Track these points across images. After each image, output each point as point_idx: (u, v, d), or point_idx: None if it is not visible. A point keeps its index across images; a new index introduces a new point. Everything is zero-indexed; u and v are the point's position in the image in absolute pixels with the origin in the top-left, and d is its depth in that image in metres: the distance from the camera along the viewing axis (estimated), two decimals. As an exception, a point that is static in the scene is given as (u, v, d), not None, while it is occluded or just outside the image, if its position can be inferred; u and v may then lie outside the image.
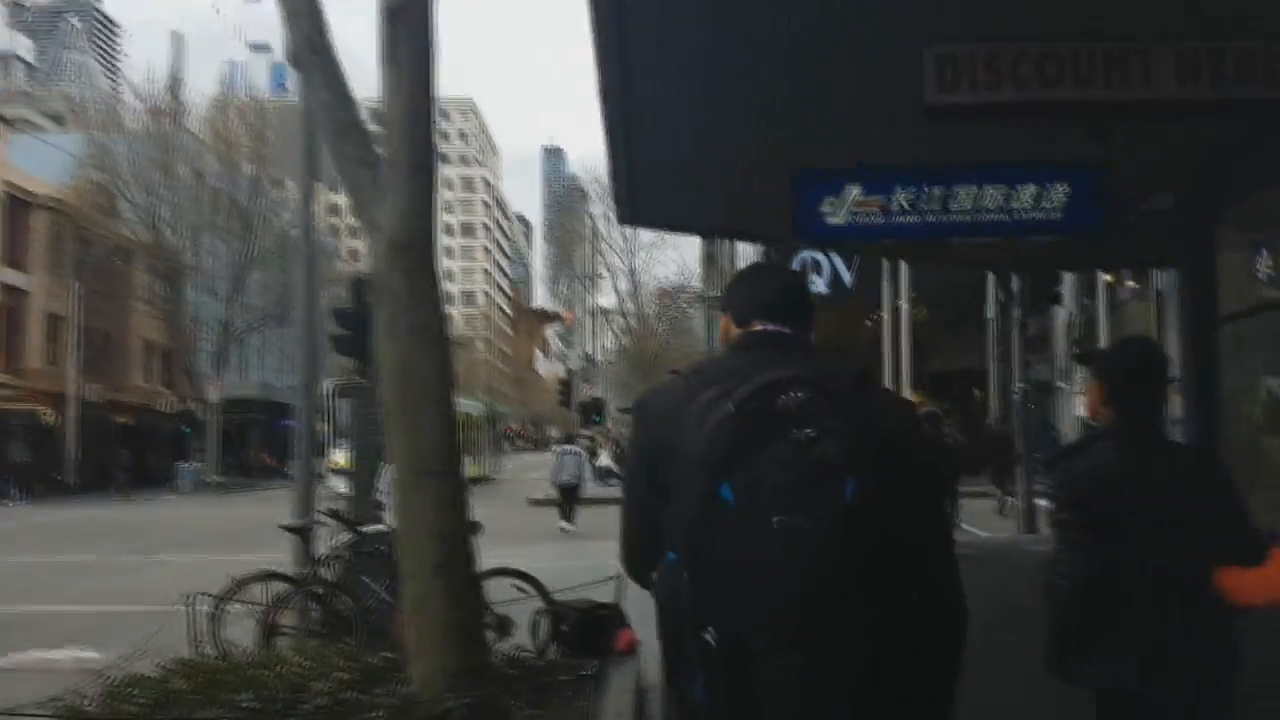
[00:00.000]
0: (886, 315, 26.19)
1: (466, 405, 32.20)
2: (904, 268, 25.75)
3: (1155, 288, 32.04)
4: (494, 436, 40.66)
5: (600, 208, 44.25)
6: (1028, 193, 7.28)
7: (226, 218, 40.48)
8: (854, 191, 7.27)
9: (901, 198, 7.29)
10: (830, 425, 1.57)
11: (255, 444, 51.48)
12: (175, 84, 43.72)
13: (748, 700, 1.57)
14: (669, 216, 9.87)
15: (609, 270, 45.69)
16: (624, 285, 45.38)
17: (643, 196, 8.85)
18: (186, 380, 40.54)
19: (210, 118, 41.96)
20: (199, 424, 39.50)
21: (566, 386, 27.07)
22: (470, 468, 27.10)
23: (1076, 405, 30.17)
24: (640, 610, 2.72)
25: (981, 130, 7.08)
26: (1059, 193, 7.28)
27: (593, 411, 26.16)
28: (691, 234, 11.32)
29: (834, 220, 7.28)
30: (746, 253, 44.45)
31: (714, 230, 10.46)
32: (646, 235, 43.38)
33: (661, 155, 7.76)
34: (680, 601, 1.62)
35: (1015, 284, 12.21)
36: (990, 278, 24.24)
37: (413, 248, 3.84)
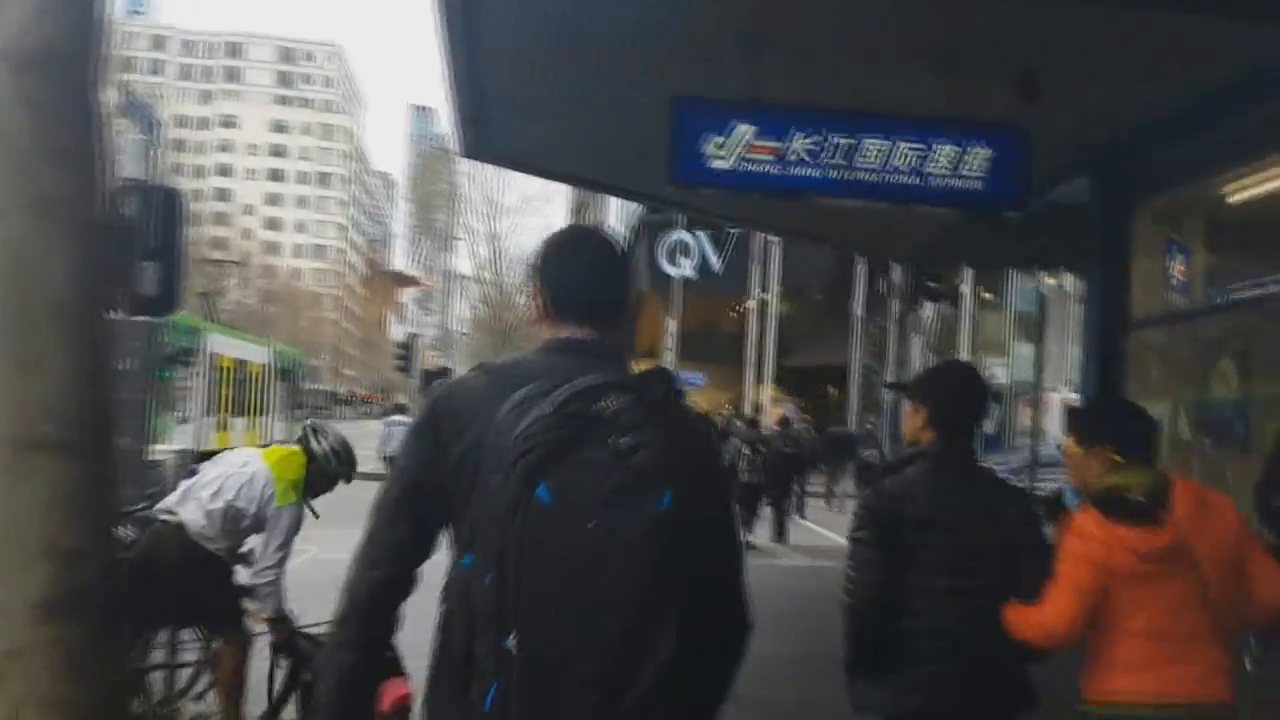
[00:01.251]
0: (754, 305, 25.23)
1: (245, 347, 26.73)
2: (775, 254, 24.87)
3: (1011, 301, 32.60)
4: (290, 394, 31.67)
5: (466, 165, 42.18)
6: (945, 154, 6.15)
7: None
8: (746, 133, 5.99)
9: (800, 146, 6.05)
10: (647, 434, 1.57)
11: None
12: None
13: (542, 710, 1.54)
14: (521, 154, 8.37)
15: (469, 233, 43.56)
16: (484, 251, 43.33)
17: (489, 120, 7.37)
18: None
19: None
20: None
21: (406, 350, 25.08)
22: (245, 435, 23.20)
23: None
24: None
25: (899, 73, 6.01)
26: (980, 157, 6.18)
27: (435, 381, 24.40)
28: (549, 178, 9.83)
29: (719, 164, 5.98)
30: (617, 225, 43.16)
31: (576, 178, 9.06)
32: (511, 198, 41.61)
33: (512, 69, 6.33)
34: (478, 606, 1.56)
35: (896, 276, 11.30)
36: (860, 271, 23.71)
37: (48, 66, 2.29)
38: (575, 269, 1.89)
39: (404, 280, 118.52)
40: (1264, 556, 2.66)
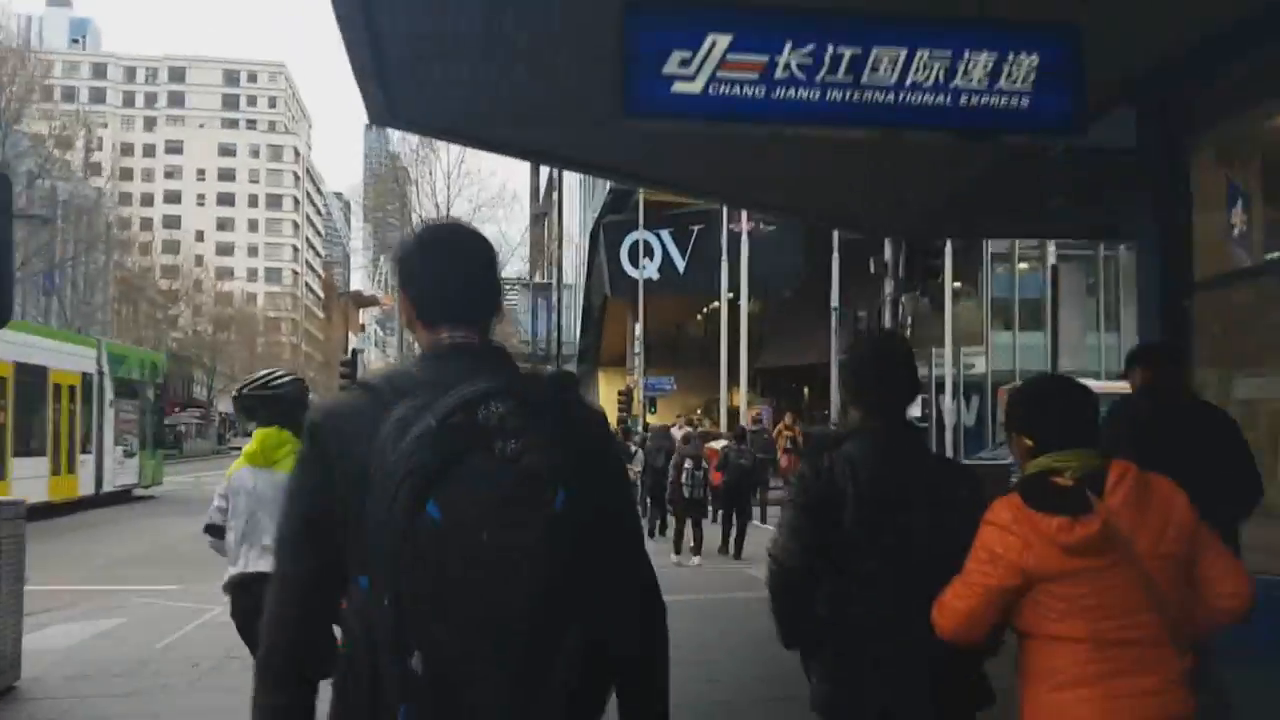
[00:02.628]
0: (722, 304, 23.72)
1: (38, 346, 17.79)
2: (743, 249, 23.34)
3: (987, 289, 31.46)
4: (140, 420, 23.32)
5: (416, 174, 40.46)
6: (980, 64, 4.74)
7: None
8: (720, 44, 4.54)
9: (793, 59, 4.60)
10: (534, 437, 1.52)
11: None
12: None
13: None
14: (439, 115, 6.84)
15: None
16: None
17: (393, 71, 5.87)
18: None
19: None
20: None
21: (349, 367, 23.28)
22: (44, 485, 16.64)
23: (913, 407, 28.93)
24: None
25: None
26: (1024, 66, 4.78)
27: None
28: (477, 145, 8.22)
29: (687, 88, 4.52)
30: (577, 229, 41.64)
31: (507, 144, 7.46)
32: (462, 206, 39.93)
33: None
34: (379, 629, 1.50)
35: (889, 254, 9.88)
36: (835, 262, 22.38)
37: None
38: (445, 269, 1.78)
39: (363, 301, 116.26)
40: (1219, 553, 2.33)
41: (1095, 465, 2.31)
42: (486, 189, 57.58)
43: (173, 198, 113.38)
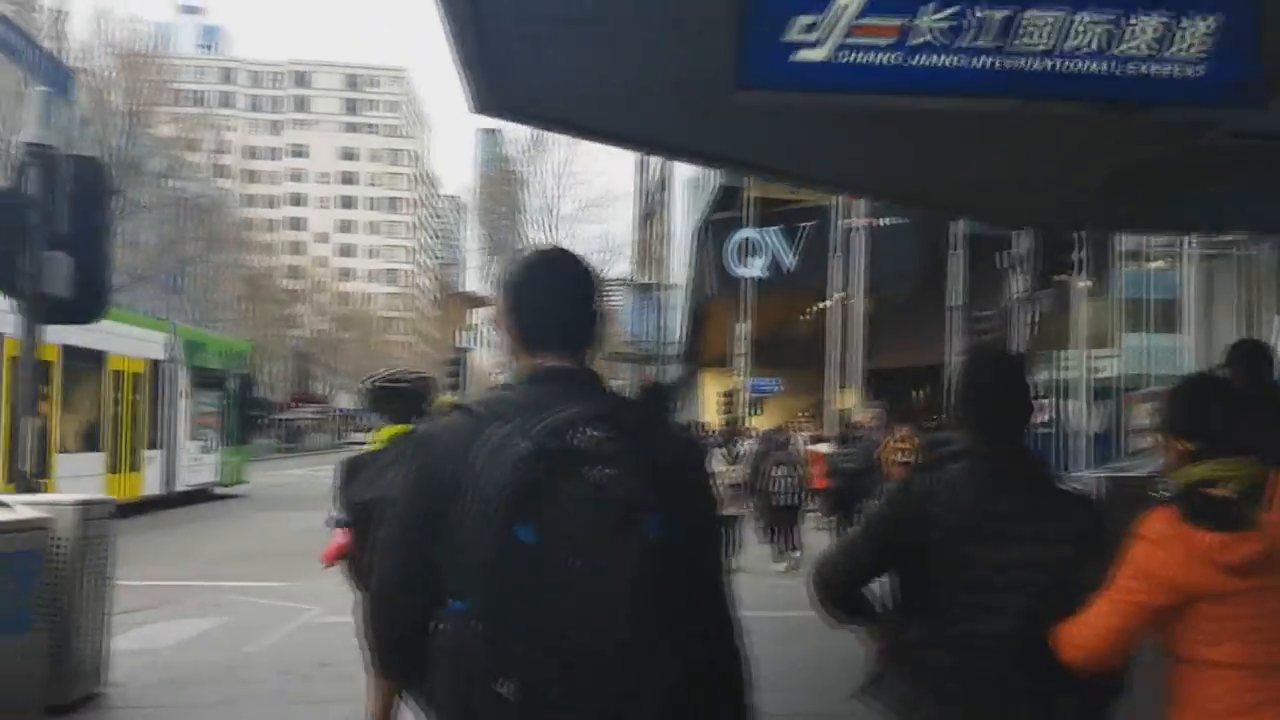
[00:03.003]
0: (834, 302, 22.93)
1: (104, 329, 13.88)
2: (859, 244, 22.45)
3: (1118, 288, 29.83)
4: (230, 407, 22.06)
5: (526, 174, 40.73)
6: (1148, 27, 4.16)
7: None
8: (851, 6, 4.07)
9: (932, 22, 4.11)
10: (628, 463, 1.55)
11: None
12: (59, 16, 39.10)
13: None
14: (543, 102, 6.47)
15: (529, 245, 42.18)
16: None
17: (497, 57, 5.55)
18: None
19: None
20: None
21: (456, 365, 23.32)
22: (92, 472, 14.68)
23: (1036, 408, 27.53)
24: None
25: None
26: (1198, 32, 4.17)
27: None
28: (580, 134, 7.81)
29: (811, 55, 4.08)
30: (683, 229, 41.30)
31: (612, 132, 7.04)
32: (568, 205, 40.01)
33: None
34: (470, 652, 1.53)
35: (1021, 248, 9.12)
36: (960, 257, 21.38)
37: None
38: (546, 296, 1.82)
39: (474, 301, 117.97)
40: None
41: (1257, 476, 2.12)
42: (592, 189, 57.83)
43: (297, 200, 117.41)
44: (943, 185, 7.63)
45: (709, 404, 31.63)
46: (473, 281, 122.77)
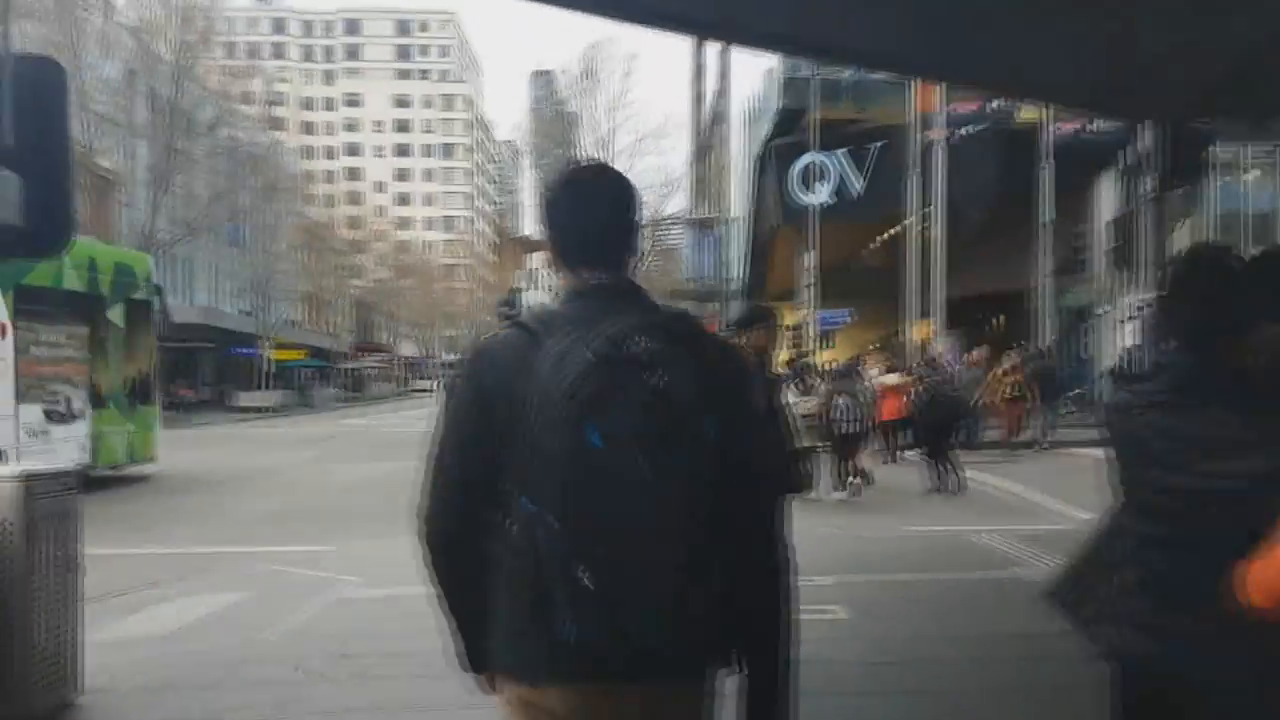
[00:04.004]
0: (911, 225, 21.41)
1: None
2: (938, 159, 20.81)
3: (1213, 203, 27.78)
4: (114, 352, 14.68)
5: (576, 108, 39.30)
6: None
7: (151, 113, 35.54)
8: None
9: None
10: (682, 370, 1.64)
11: (204, 374, 47.37)
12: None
13: (618, 637, 1.63)
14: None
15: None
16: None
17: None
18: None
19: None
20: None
21: (510, 306, 22.38)
22: None
23: (1124, 334, 25.89)
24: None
25: None
26: None
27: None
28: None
29: None
30: (741, 159, 39.73)
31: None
32: (624, 139, 38.58)
33: None
34: (545, 546, 1.63)
35: (1147, 141, 7.80)
36: (1046, 169, 19.75)
37: None
38: (580, 211, 1.88)
39: (531, 245, 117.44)
40: None
41: None
42: (648, 121, 56.15)
43: (353, 150, 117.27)
44: (1066, 73, 6.36)
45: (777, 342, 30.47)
46: (529, 226, 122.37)
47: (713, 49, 43.80)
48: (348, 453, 21.20)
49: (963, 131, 20.81)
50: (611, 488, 1.58)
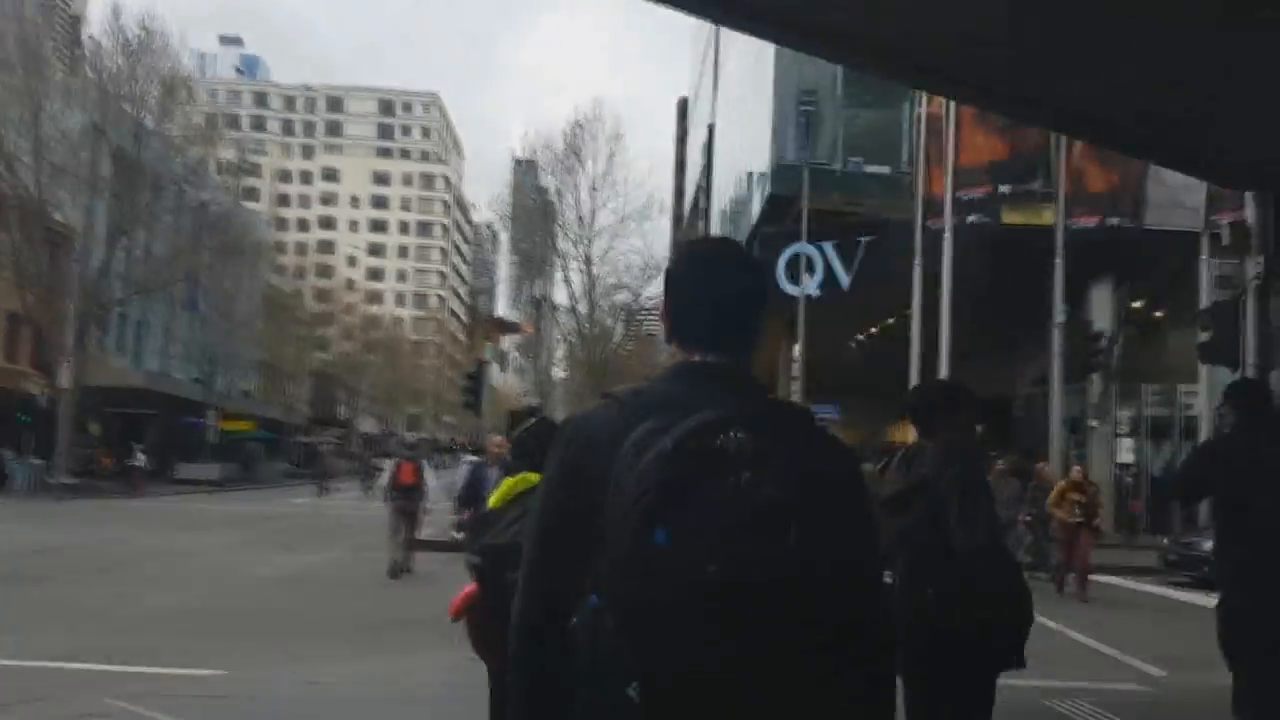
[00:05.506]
0: (916, 310, 20.02)
1: None
2: (945, 249, 19.47)
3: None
4: None
5: (568, 188, 38.24)
6: None
7: (113, 170, 33.98)
8: None
9: None
10: (773, 469, 1.42)
11: (150, 442, 44.97)
12: (75, 22, 37.46)
13: None
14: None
15: (560, 258, 39.42)
16: (578, 279, 39.07)
17: None
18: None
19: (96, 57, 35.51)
20: (43, 413, 32.75)
21: (474, 380, 20.63)
22: None
23: (1119, 449, 24.59)
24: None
25: None
26: None
27: (522, 420, 19.57)
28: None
29: None
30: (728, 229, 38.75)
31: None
32: (606, 218, 37.43)
33: None
34: (603, 650, 1.48)
35: (1250, 214, 6.46)
36: (1058, 266, 18.49)
37: None
38: (706, 285, 1.74)
39: (505, 327, 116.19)
40: None
41: None
42: (632, 201, 55.00)
43: (327, 223, 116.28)
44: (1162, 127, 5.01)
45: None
46: (503, 307, 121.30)
47: (698, 124, 43.08)
48: (281, 537, 19.21)
49: (971, 219, 19.68)
50: (673, 594, 1.38)
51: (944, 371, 18.96)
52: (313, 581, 12.06)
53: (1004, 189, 19.67)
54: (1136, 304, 25.55)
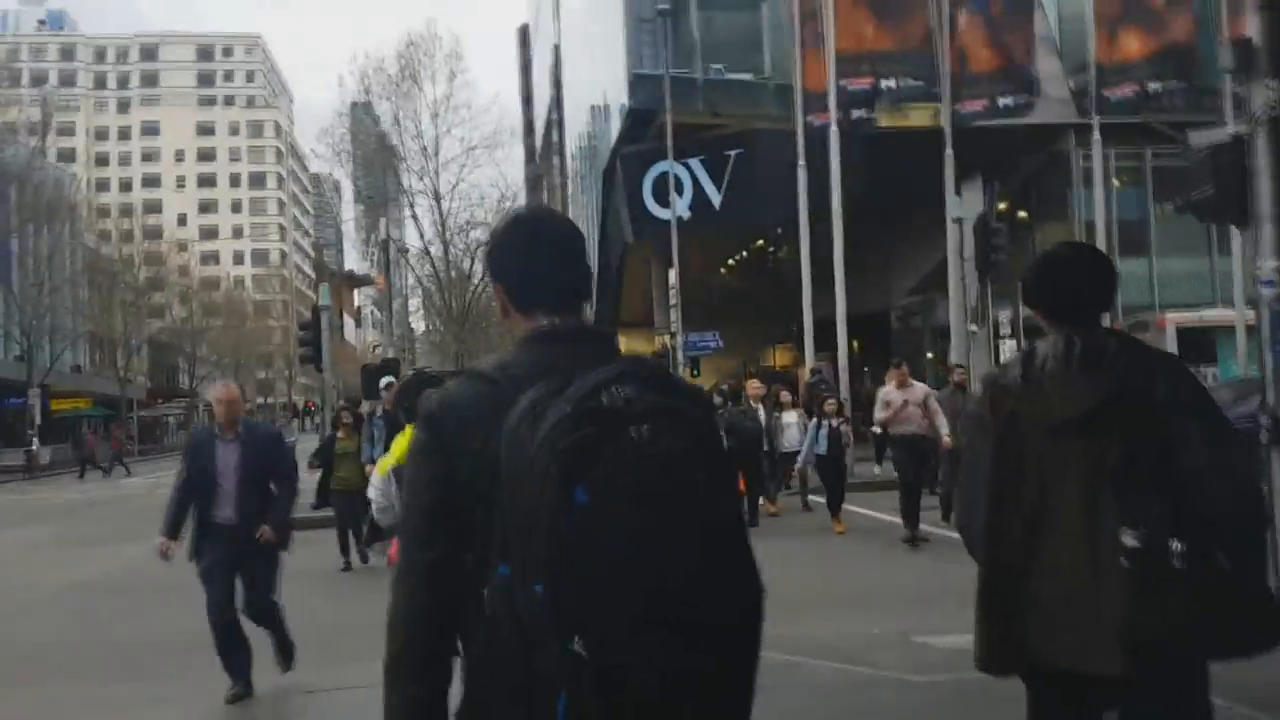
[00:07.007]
0: (803, 227, 18.66)
1: None
2: (832, 153, 18.01)
3: (1078, 209, 26.69)
4: None
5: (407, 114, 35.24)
6: None
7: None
8: None
9: None
10: (662, 420, 1.55)
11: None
12: None
13: (619, 710, 1.49)
14: None
15: (407, 194, 36.65)
16: (427, 217, 36.39)
17: None
18: None
19: None
20: None
21: (311, 330, 18.32)
22: None
23: (1003, 352, 24.20)
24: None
25: None
26: None
27: (380, 376, 17.22)
28: None
29: None
30: (582, 170, 36.85)
31: None
32: (452, 147, 34.85)
33: None
34: (529, 616, 1.50)
35: (1255, 33, 5.21)
36: (948, 158, 17.49)
37: None
38: (535, 256, 1.82)
39: (356, 281, 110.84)
40: None
41: None
42: (480, 126, 52.01)
43: (152, 181, 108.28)
44: None
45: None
46: (353, 260, 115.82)
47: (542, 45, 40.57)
48: (98, 528, 16.70)
49: (856, 115, 18.40)
50: (603, 549, 1.46)
51: (839, 285, 17.78)
52: (126, 583, 10.04)
53: (887, 83, 18.43)
54: (1002, 204, 25.16)
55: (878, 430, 11.94)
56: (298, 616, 6.31)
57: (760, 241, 27.86)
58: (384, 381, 12.21)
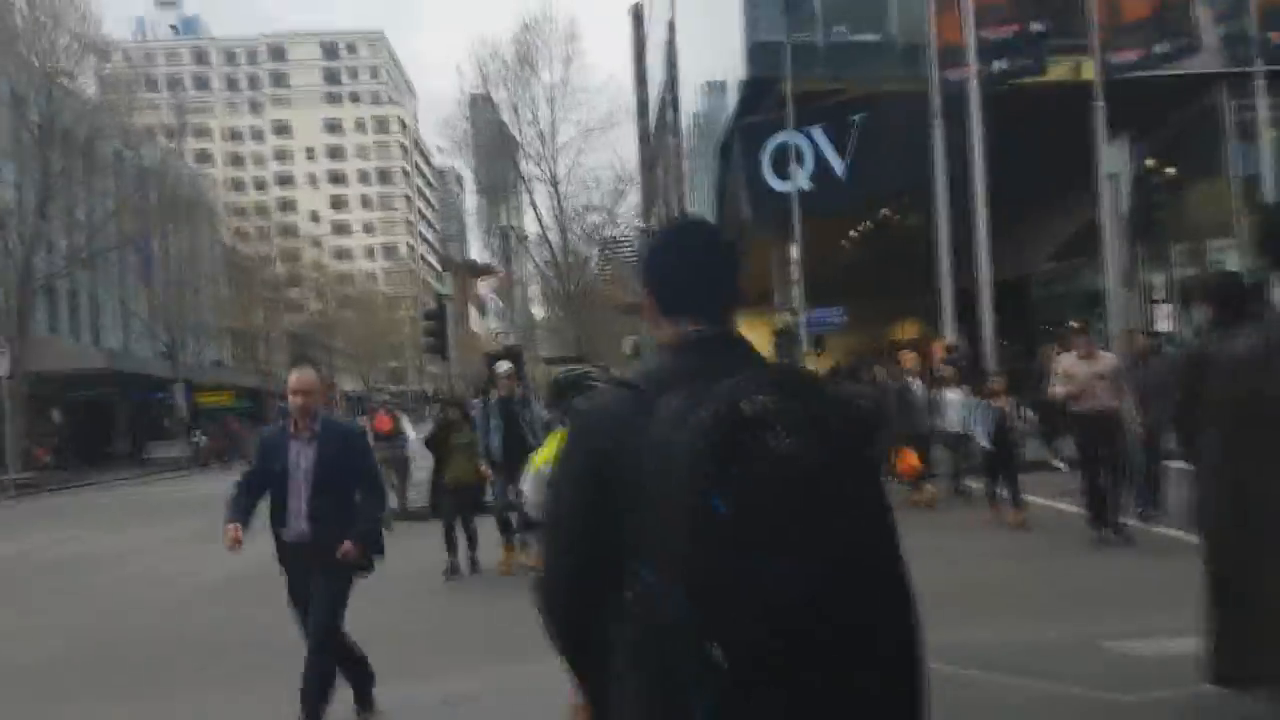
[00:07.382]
0: (940, 195, 17.55)
1: None
2: (974, 110, 16.71)
3: (1233, 166, 24.58)
4: None
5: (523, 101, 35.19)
6: None
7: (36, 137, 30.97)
8: None
9: None
10: (804, 430, 1.52)
11: (118, 424, 42.64)
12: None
13: (761, 717, 1.50)
14: None
15: (525, 181, 36.56)
16: (545, 203, 36.27)
17: None
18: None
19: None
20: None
21: (436, 319, 18.02)
22: None
23: (1155, 317, 22.50)
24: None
25: None
26: None
27: (498, 364, 16.99)
28: None
29: None
30: (700, 151, 36.11)
31: None
32: (568, 131, 34.62)
33: None
34: (670, 620, 1.52)
35: None
36: (1100, 110, 16.13)
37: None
38: (682, 264, 1.86)
39: (479, 271, 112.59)
40: None
41: None
42: (595, 109, 51.75)
43: (285, 180, 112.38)
44: None
45: (761, 350, 26.66)
46: (476, 251, 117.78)
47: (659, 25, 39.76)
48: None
49: (998, 66, 17.03)
50: (740, 555, 1.45)
51: (982, 250, 16.58)
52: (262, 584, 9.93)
53: (1036, 27, 16.94)
54: (1149, 161, 23.36)
55: (1058, 401, 9.67)
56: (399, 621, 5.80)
57: (885, 211, 26.60)
58: (502, 368, 10.84)
